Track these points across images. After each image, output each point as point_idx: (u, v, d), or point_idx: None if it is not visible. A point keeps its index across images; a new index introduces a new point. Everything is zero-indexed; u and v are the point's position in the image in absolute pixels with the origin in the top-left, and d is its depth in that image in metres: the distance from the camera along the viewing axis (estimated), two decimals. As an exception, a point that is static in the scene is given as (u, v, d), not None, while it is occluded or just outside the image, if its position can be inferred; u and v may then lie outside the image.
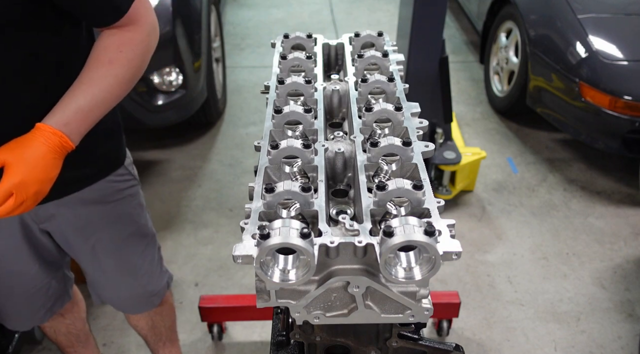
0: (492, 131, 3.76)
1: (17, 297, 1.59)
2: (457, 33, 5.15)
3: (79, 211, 1.45)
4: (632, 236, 2.89)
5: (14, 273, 1.54)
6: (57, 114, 1.13)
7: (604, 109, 2.92)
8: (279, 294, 0.79)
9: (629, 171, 3.34)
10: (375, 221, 0.80)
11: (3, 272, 1.54)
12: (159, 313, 1.87)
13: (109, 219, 1.52)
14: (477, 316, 2.47)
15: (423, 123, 1.01)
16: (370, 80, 1.06)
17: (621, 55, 2.96)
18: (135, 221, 1.59)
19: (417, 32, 2.60)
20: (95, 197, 1.46)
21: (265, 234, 0.69)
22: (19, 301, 1.61)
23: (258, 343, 2.35)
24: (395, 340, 0.92)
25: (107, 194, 1.48)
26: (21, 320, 1.68)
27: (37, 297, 1.61)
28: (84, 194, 1.43)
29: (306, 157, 0.88)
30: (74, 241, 1.53)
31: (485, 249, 2.82)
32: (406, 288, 0.78)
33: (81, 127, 1.16)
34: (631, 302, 2.53)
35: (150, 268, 1.68)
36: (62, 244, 1.56)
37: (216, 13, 3.78)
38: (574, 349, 2.33)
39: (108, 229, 1.53)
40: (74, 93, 1.16)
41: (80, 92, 1.15)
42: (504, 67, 3.78)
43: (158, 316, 1.87)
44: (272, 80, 1.12)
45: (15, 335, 2.03)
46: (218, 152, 3.53)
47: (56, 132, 1.11)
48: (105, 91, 1.18)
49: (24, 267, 1.53)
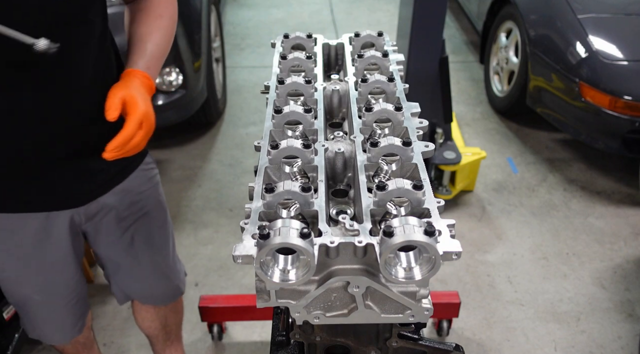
0: (492, 131, 3.76)
1: (60, 309, 1.55)
2: (457, 33, 5.15)
3: (121, 202, 1.47)
4: (632, 236, 2.89)
5: (60, 283, 1.51)
6: (139, 61, 1.24)
7: (604, 109, 2.92)
8: (279, 294, 0.79)
9: (629, 171, 3.34)
10: (375, 221, 0.80)
11: (49, 283, 1.49)
12: (173, 310, 1.88)
13: (146, 208, 1.54)
14: (477, 316, 2.47)
15: (423, 123, 1.01)
16: (370, 80, 1.06)
17: (621, 55, 2.96)
18: (164, 209, 1.62)
19: (417, 32, 2.60)
20: (133, 186, 1.48)
21: (265, 234, 0.69)
22: (62, 313, 1.56)
23: (258, 343, 2.35)
24: (395, 340, 0.92)
25: (142, 182, 1.50)
26: (62, 333, 1.62)
27: (78, 307, 1.58)
28: (124, 184, 1.45)
29: (306, 157, 0.88)
30: (114, 235, 1.52)
31: (485, 249, 2.82)
32: (406, 288, 0.78)
33: (156, 72, 1.28)
34: (631, 302, 2.53)
35: (174, 256, 1.72)
36: (96, 243, 1.54)
37: (216, 13, 3.78)
38: (574, 349, 2.33)
39: (145, 218, 1.55)
40: (143, 42, 1.26)
41: (148, 40, 1.27)
42: (504, 67, 3.78)
43: (171, 313, 1.88)
44: (272, 80, 1.12)
45: (15, 335, 2.03)
46: (218, 152, 3.53)
47: (145, 74, 1.23)
48: (162, 41, 1.30)
49: (69, 275, 1.51)
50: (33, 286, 1.47)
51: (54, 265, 1.46)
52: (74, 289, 1.54)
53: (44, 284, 1.48)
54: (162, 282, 1.71)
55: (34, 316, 1.55)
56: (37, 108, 1.17)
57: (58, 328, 1.60)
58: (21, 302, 1.52)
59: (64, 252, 1.45)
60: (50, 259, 1.44)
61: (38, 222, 1.35)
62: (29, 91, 1.14)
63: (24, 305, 1.52)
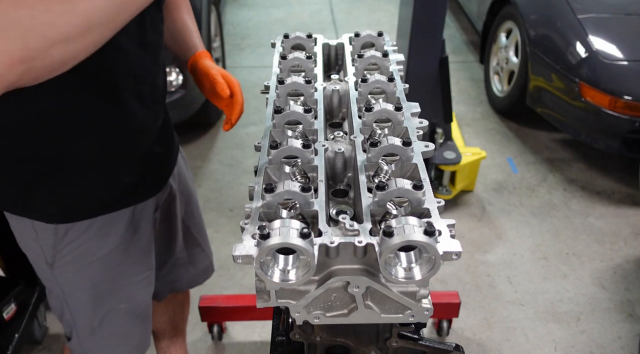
0: (492, 131, 3.76)
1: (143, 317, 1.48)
2: (457, 33, 5.15)
3: (178, 185, 1.49)
4: (632, 236, 2.89)
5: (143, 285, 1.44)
6: (199, 43, 1.39)
7: (604, 109, 2.92)
8: (279, 294, 0.79)
9: (629, 171, 3.34)
10: (375, 221, 0.80)
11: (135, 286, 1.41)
12: (181, 305, 1.89)
13: (188, 188, 1.57)
14: (477, 316, 2.47)
15: (423, 123, 1.01)
16: (370, 80, 1.06)
17: (621, 55, 2.96)
18: (195, 188, 1.65)
19: (417, 32, 2.60)
20: (180, 169, 1.51)
21: (265, 234, 0.69)
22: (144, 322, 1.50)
23: (258, 343, 2.35)
24: (395, 340, 0.92)
25: (182, 165, 1.54)
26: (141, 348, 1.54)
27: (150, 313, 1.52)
28: (176, 168, 1.47)
29: (306, 157, 0.88)
30: (177, 220, 1.53)
31: (485, 249, 2.82)
32: (406, 288, 0.78)
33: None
34: (631, 302, 2.53)
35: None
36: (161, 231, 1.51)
37: (216, 13, 3.78)
38: (574, 349, 2.33)
39: (190, 198, 1.58)
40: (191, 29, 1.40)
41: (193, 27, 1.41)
42: (504, 67, 3.78)
43: (179, 307, 1.89)
44: (272, 80, 1.12)
45: (15, 335, 2.03)
46: (218, 152, 3.53)
47: (208, 53, 1.37)
48: (196, 27, 1.44)
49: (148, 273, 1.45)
50: (121, 294, 1.38)
51: (137, 263, 1.39)
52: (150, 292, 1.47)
53: (130, 289, 1.40)
54: (206, 260, 1.74)
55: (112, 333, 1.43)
56: (134, 106, 1.18)
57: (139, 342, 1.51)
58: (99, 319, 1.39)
59: (147, 249, 1.40)
60: (136, 257, 1.38)
61: (125, 221, 1.30)
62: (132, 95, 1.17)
63: (101, 321, 1.39)
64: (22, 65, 0.70)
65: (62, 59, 0.74)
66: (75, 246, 1.24)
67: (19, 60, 0.70)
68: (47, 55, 0.72)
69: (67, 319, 1.41)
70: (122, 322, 1.43)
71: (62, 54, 0.73)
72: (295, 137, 0.94)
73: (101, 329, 1.40)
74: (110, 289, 1.36)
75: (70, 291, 1.34)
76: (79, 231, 1.23)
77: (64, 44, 0.72)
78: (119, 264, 1.33)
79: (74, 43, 0.74)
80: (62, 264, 1.27)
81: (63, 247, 1.24)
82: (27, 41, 0.69)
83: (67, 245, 1.24)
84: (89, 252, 1.27)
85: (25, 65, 0.70)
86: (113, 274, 1.34)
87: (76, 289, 1.33)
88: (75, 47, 0.74)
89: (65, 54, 0.74)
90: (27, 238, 1.26)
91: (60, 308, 1.40)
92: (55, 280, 1.32)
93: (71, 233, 1.22)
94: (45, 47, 0.71)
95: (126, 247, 1.32)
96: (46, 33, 0.70)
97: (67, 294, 1.34)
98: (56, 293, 1.36)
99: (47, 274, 1.31)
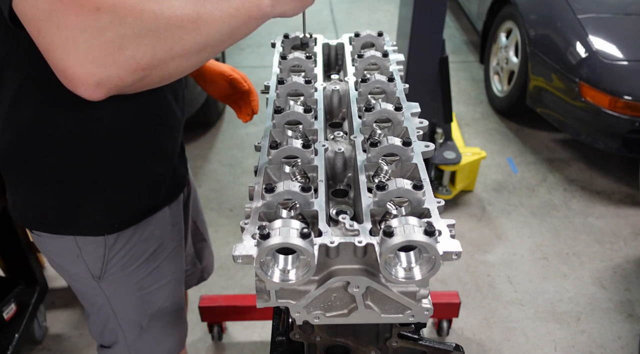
0: (492, 131, 3.76)
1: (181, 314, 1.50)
2: (457, 33, 5.15)
3: (190, 180, 1.50)
4: (632, 236, 2.89)
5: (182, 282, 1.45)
6: None
7: (604, 109, 2.92)
8: (279, 294, 0.79)
9: (629, 171, 3.34)
10: (375, 221, 0.80)
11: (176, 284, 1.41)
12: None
13: (194, 184, 1.58)
14: (477, 316, 2.47)
15: (423, 123, 1.01)
16: (371, 80, 1.06)
17: (621, 55, 2.96)
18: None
19: (417, 32, 2.60)
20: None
21: (265, 234, 0.69)
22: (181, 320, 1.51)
23: (258, 343, 2.35)
24: (395, 340, 0.92)
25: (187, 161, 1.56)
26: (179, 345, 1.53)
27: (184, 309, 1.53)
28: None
29: (306, 157, 0.88)
30: (189, 216, 1.53)
31: (485, 249, 2.82)
32: (406, 288, 0.78)
33: None
34: (631, 302, 2.53)
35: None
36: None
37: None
38: (574, 349, 2.33)
39: (196, 195, 1.59)
40: None
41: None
42: (504, 67, 3.78)
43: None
44: (272, 80, 1.12)
45: (15, 335, 2.03)
46: (218, 152, 3.53)
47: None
48: None
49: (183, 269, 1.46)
50: (163, 292, 1.37)
51: (175, 260, 1.38)
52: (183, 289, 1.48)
53: (171, 286, 1.39)
54: (210, 255, 1.74)
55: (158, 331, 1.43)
56: (172, 103, 1.19)
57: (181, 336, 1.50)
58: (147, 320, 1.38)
59: (181, 245, 1.41)
60: (174, 254, 1.37)
61: (164, 220, 1.30)
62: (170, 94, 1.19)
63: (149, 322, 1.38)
64: (143, 72, 0.76)
65: (174, 71, 0.80)
66: (123, 254, 1.23)
67: (143, 67, 0.75)
68: (165, 67, 0.78)
69: (111, 328, 1.38)
70: (167, 319, 1.43)
71: (176, 68, 0.80)
72: (295, 137, 0.94)
73: (149, 329, 1.40)
74: (155, 289, 1.35)
75: (118, 299, 1.32)
76: (126, 238, 1.22)
77: (182, 58, 0.79)
78: (161, 262, 1.33)
79: (189, 59, 0.80)
80: (111, 274, 1.25)
81: (112, 257, 1.22)
82: (156, 51, 0.75)
83: (116, 254, 1.22)
84: (135, 257, 1.26)
85: (145, 72, 0.76)
86: (157, 274, 1.33)
87: (125, 295, 1.32)
88: (188, 63, 0.81)
89: (178, 67, 0.80)
90: (68, 257, 1.22)
91: (103, 319, 1.37)
92: (102, 293, 1.29)
93: (120, 242, 1.21)
94: (168, 59, 0.77)
95: (166, 246, 1.33)
96: (173, 46, 0.77)
97: (114, 303, 1.32)
98: (100, 304, 1.33)
99: (93, 289, 1.29)
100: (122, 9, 0.72)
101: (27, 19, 0.72)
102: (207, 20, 0.80)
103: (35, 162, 1.08)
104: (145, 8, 0.74)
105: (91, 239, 1.18)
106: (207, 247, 1.72)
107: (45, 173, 1.09)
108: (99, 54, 0.72)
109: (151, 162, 1.18)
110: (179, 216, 1.37)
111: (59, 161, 1.08)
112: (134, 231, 1.22)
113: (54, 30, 0.70)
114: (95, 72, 0.72)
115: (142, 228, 1.24)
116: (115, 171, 1.12)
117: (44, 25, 0.71)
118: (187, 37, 0.77)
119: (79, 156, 1.08)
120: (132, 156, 1.13)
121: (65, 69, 0.72)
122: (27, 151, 1.07)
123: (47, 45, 0.72)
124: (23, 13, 0.72)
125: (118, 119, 1.07)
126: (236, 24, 0.83)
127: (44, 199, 1.13)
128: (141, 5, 0.74)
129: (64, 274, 1.30)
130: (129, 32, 0.73)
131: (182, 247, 1.43)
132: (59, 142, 1.05)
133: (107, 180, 1.13)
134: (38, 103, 1.00)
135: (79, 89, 0.74)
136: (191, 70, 0.84)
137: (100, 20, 0.71)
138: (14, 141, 1.06)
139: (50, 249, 1.23)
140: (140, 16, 0.73)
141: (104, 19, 0.71)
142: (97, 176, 1.11)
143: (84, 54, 0.71)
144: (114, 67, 0.73)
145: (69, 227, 1.16)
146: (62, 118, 1.02)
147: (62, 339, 2.35)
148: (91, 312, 1.37)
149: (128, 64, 0.73)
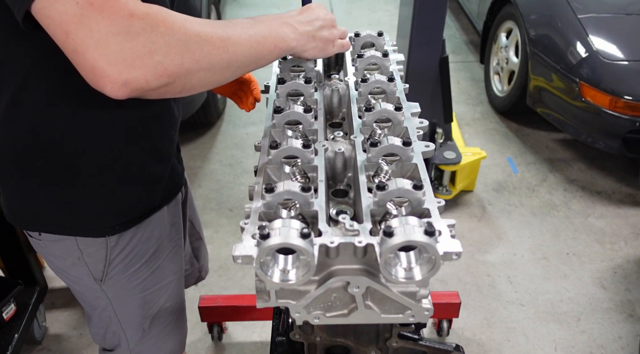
0: (492, 131, 3.76)
1: (182, 315, 1.50)
2: (457, 33, 5.15)
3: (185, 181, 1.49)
4: (633, 236, 2.89)
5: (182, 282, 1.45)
6: None
7: (604, 109, 2.91)
8: (279, 294, 0.79)
9: (629, 171, 3.34)
10: (375, 221, 0.79)
11: (177, 283, 1.40)
12: None
13: (188, 182, 1.56)
14: (477, 316, 2.47)
15: (423, 123, 1.01)
16: (371, 80, 1.06)
17: (621, 55, 2.96)
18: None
19: (417, 32, 2.59)
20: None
21: (265, 234, 0.69)
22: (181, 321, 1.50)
23: (258, 343, 2.35)
24: (395, 340, 0.92)
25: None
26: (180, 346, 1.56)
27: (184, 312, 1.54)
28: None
29: (306, 157, 0.88)
30: (187, 215, 1.52)
31: (485, 249, 2.82)
32: (406, 288, 0.78)
33: None
34: (631, 302, 2.53)
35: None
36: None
37: (216, 13, 3.78)
38: (574, 349, 2.33)
39: (191, 193, 1.57)
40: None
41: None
42: (504, 67, 3.78)
43: None
44: (272, 80, 1.12)
45: (15, 335, 2.03)
46: (218, 152, 3.53)
47: None
48: None
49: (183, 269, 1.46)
50: (165, 292, 1.37)
51: (175, 260, 1.38)
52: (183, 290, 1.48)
53: (172, 286, 1.39)
54: (206, 254, 1.74)
55: (160, 332, 1.43)
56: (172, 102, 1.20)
57: (182, 337, 1.50)
58: (149, 322, 1.37)
59: (180, 244, 1.40)
60: (173, 253, 1.37)
61: (164, 219, 1.29)
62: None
63: (151, 323, 1.38)
64: (168, 79, 0.80)
65: (196, 84, 0.85)
66: (124, 255, 1.23)
67: (169, 73, 0.79)
68: (189, 77, 0.82)
69: (113, 331, 1.38)
70: (169, 319, 1.43)
71: (199, 80, 0.84)
72: (295, 137, 0.94)
73: (151, 330, 1.40)
74: (157, 290, 1.35)
75: (120, 301, 1.31)
76: (127, 239, 1.21)
77: (206, 72, 0.84)
78: (162, 262, 1.33)
79: (213, 74, 0.85)
80: (113, 275, 1.25)
81: (114, 258, 1.22)
82: (183, 60, 0.80)
83: (118, 255, 1.22)
84: (137, 258, 1.25)
85: (170, 79, 0.80)
86: (158, 274, 1.33)
87: (127, 296, 1.31)
88: (211, 78, 0.86)
89: (201, 81, 0.85)
90: (69, 260, 1.22)
91: (105, 322, 1.36)
92: (104, 295, 1.29)
93: (121, 243, 1.21)
94: (193, 70, 0.82)
95: (166, 246, 1.32)
96: (200, 59, 0.82)
97: (116, 305, 1.32)
98: (101, 307, 1.32)
99: (95, 292, 1.28)
100: (154, 19, 0.77)
101: (53, 23, 0.75)
102: (235, 41, 0.86)
103: (33, 164, 1.08)
104: (176, 21, 0.79)
105: (92, 240, 1.18)
106: (204, 246, 1.72)
107: (45, 174, 1.09)
108: (129, 56, 0.75)
109: (150, 162, 1.18)
110: (177, 215, 1.37)
111: (59, 162, 1.08)
112: (134, 232, 1.22)
113: (86, 32, 0.74)
114: (123, 71, 0.75)
115: (142, 229, 1.23)
116: (115, 171, 1.12)
117: (74, 28, 0.74)
118: (215, 52, 0.83)
119: (79, 156, 1.08)
120: (132, 156, 1.13)
121: (95, 68, 0.75)
122: (26, 153, 1.07)
123: (77, 46, 0.75)
124: (48, 17, 0.75)
125: (117, 119, 1.07)
126: (261, 50, 0.91)
127: (43, 200, 1.13)
128: (173, 18, 0.79)
129: (65, 277, 1.29)
130: (159, 40, 0.77)
131: (182, 247, 1.42)
132: (58, 143, 1.05)
133: (107, 180, 1.12)
134: (37, 104, 1.00)
135: (105, 86, 0.77)
136: (212, 86, 0.88)
137: (134, 26, 0.75)
138: (11, 143, 1.06)
139: (50, 252, 1.23)
140: (171, 27, 0.78)
141: (137, 25, 0.75)
142: (97, 176, 1.11)
143: (115, 55, 0.75)
144: (142, 70, 0.76)
145: (70, 227, 1.16)
146: (60, 120, 1.02)
147: (62, 339, 2.35)
148: (92, 315, 1.37)
149: (155, 69, 0.77)
